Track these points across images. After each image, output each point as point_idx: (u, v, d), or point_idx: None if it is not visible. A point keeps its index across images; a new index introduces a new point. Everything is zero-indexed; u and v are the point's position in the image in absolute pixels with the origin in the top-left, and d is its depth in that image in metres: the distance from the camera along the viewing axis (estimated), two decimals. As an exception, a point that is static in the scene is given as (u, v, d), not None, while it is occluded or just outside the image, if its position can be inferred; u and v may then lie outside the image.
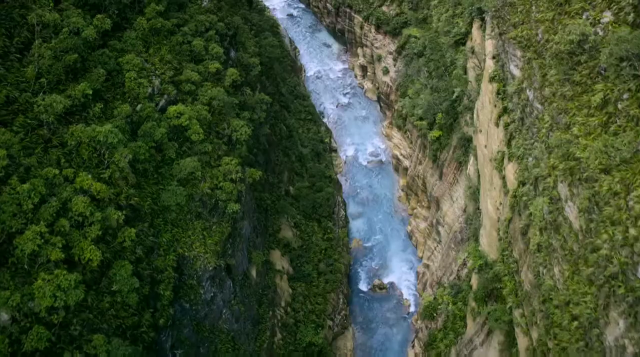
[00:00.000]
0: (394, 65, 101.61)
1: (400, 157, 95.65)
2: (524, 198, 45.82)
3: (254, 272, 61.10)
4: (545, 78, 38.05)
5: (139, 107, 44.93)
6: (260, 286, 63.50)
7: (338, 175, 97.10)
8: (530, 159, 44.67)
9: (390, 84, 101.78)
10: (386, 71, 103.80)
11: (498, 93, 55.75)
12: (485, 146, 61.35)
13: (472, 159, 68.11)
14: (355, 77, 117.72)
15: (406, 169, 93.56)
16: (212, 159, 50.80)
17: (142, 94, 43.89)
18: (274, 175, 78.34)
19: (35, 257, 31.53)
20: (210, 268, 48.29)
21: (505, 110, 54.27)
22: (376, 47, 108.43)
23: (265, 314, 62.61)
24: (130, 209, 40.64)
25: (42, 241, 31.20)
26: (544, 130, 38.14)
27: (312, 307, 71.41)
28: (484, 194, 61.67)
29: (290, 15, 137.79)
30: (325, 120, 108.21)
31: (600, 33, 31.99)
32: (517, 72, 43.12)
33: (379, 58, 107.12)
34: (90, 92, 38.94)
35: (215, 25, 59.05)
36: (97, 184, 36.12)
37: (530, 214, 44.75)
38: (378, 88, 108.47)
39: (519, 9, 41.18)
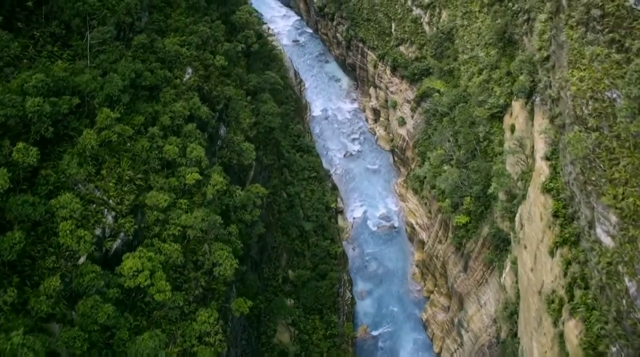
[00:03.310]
0: (412, 117, 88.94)
1: (416, 227, 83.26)
2: (597, 388, 34.14)
3: (239, 415, 49.55)
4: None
5: (81, 260, 32.93)
6: None
7: (344, 243, 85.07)
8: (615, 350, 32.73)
9: (407, 138, 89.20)
10: (402, 122, 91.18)
11: (556, 215, 43.50)
12: (532, 270, 49.21)
13: (509, 268, 56.04)
14: (367, 120, 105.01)
15: (422, 242, 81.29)
16: (185, 306, 38.82)
17: (84, 248, 31.77)
18: (270, 263, 66.36)
19: None
20: None
21: (565, 241, 42.07)
22: (391, 92, 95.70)
23: None
24: None
25: None
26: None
27: None
28: (527, 329, 49.64)
29: (296, 42, 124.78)
30: (332, 170, 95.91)
31: None
32: (606, 241, 30.98)
33: (394, 104, 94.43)
34: (-4, 280, 26.92)
35: (197, 112, 46.69)
36: None
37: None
38: (392, 139, 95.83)
39: (621, 162, 28.77)
